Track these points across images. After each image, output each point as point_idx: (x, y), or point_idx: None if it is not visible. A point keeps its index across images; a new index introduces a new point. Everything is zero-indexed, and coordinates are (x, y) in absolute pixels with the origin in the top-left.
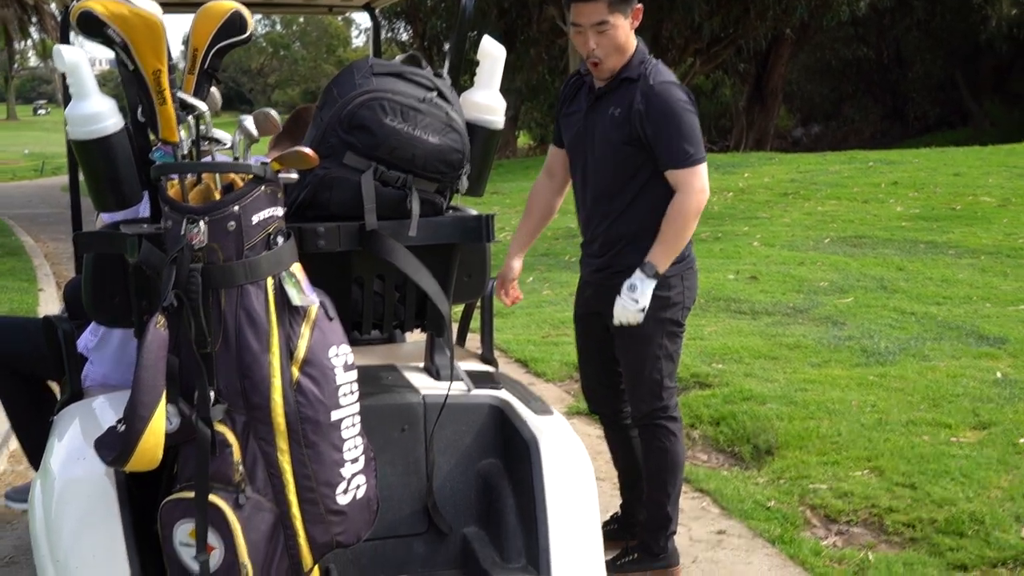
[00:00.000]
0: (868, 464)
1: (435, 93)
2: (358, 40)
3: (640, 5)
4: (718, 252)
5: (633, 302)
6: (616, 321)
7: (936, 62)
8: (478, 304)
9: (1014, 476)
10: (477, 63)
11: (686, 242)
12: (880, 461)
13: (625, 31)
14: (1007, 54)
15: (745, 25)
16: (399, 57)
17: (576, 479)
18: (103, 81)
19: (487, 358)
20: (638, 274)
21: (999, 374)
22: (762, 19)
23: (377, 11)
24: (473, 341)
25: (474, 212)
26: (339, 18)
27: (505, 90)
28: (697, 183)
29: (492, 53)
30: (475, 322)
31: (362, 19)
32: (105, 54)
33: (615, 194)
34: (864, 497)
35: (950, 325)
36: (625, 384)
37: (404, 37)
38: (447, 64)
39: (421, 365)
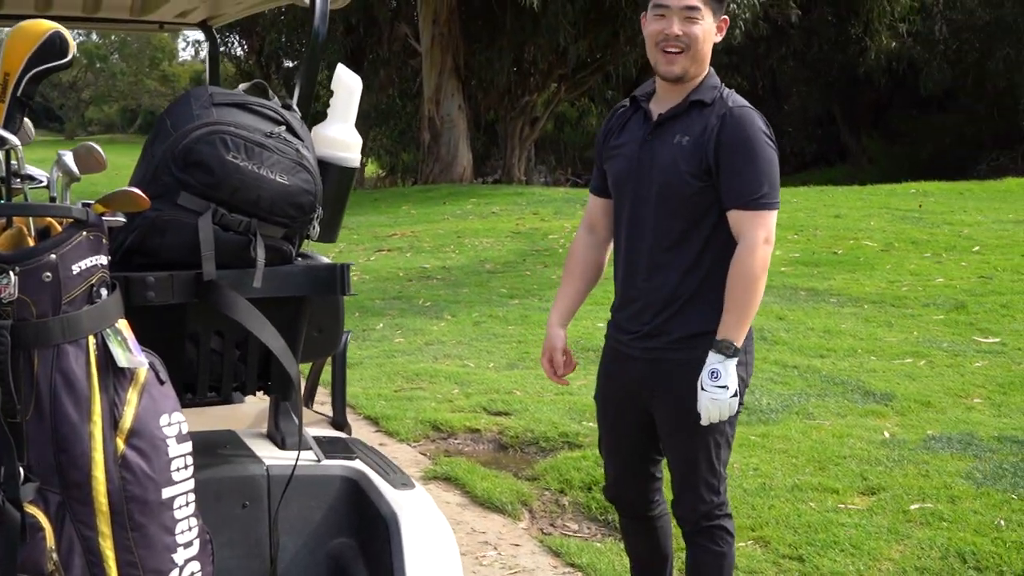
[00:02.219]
0: (752, 534)
1: (284, 127)
2: (185, 53)
3: (726, 18)
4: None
5: (722, 391)
6: (706, 420)
7: (813, 95)
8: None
9: (905, 547)
10: (329, 93)
11: (758, 305)
12: (765, 530)
13: (708, 34)
14: (886, 88)
15: (613, 50)
16: (243, 86)
17: (440, 561)
18: None
19: (339, 422)
20: (713, 357)
21: (887, 433)
22: (631, 44)
23: (214, 29)
24: (321, 397)
25: (326, 260)
26: None
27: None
28: (762, 232)
29: (348, 84)
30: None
31: (191, 31)
32: None
33: (678, 242)
34: (749, 571)
35: (834, 380)
36: (675, 479)
37: (238, 52)
38: (296, 94)
39: (263, 431)
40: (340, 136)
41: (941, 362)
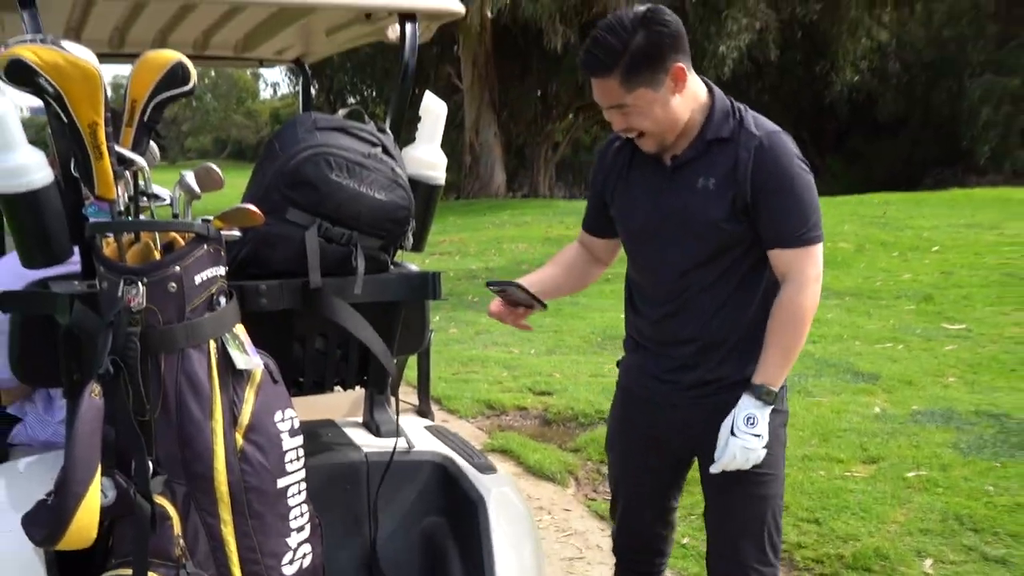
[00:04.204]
0: None
1: (380, 148)
2: (265, 93)
3: (680, 65)
4: (609, 292)
5: (755, 439)
6: (724, 467)
7: (785, 123)
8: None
9: (908, 510)
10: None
11: (802, 346)
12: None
13: (663, 103)
14: (847, 116)
15: None
16: (342, 111)
17: (523, 541)
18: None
19: (423, 410)
20: (750, 401)
21: (878, 409)
22: None
23: (307, 64)
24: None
25: (416, 268)
26: (248, 73)
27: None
28: (812, 270)
29: (434, 110)
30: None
31: (269, 74)
32: (27, 101)
33: (718, 287)
34: None
35: (827, 362)
36: (722, 540)
37: (311, 91)
38: (388, 119)
39: (359, 419)
40: (428, 156)
41: (917, 346)
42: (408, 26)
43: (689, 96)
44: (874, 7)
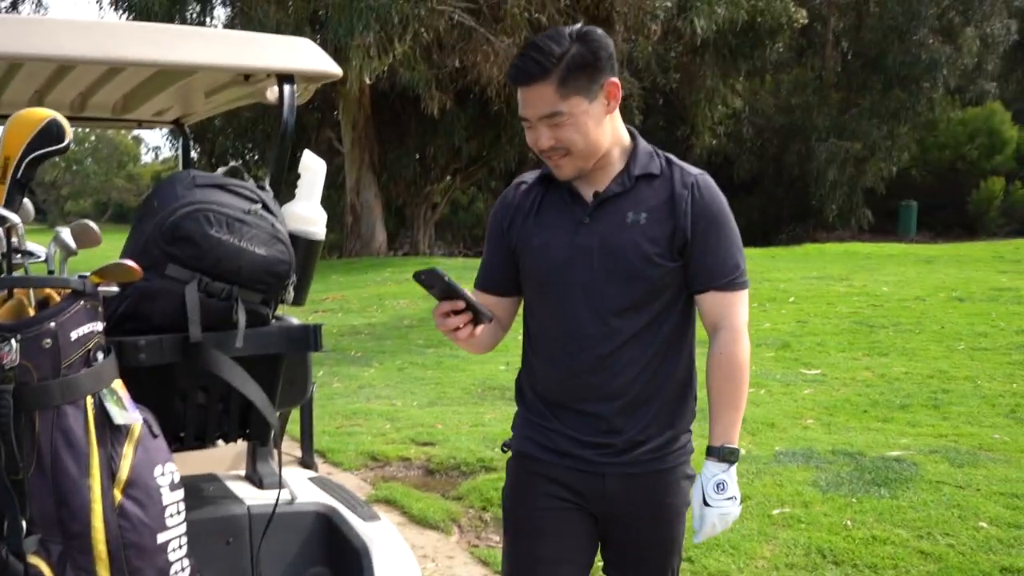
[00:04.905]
0: None
1: (259, 205)
2: (147, 156)
3: (615, 80)
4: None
5: (729, 502)
6: (708, 536)
7: None
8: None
9: (774, 546)
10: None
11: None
12: None
13: (596, 118)
14: None
15: (497, 148)
16: (221, 169)
17: None
18: None
19: (307, 462)
20: (716, 467)
21: (743, 450)
22: (511, 143)
23: (186, 126)
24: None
25: (296, 321)
26: (129, 136)
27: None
28: (742, 317)
29: (312, 167)
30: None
31: (151, 138)
32: None
33: (646, 338)
34: None
35: None
36: None
37: (193, 155)
38: (269, 177)
39: (241, 473)
40: (307, 212)
41: (777, 391)
42: (286, 87)
43: (616, 124)
44: (728, 77)
